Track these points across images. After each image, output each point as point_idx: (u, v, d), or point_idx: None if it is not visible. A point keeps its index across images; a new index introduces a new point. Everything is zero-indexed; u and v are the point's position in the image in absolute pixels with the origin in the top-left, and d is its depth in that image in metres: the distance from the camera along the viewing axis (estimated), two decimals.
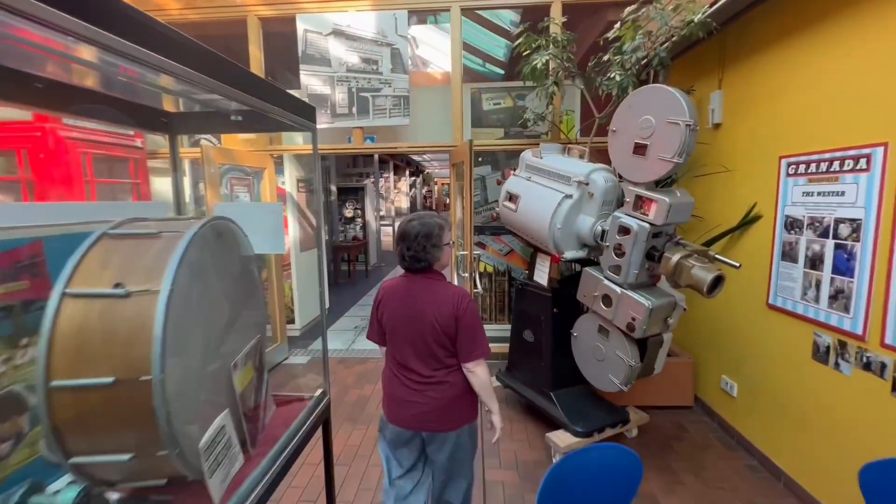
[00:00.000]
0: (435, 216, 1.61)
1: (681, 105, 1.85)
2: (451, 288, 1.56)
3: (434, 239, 1.54)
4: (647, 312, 2.06)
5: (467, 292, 1.54)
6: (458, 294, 1.53)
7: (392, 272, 8.79)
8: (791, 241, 2.16)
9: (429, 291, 1.55)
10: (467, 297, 1.52)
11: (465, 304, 1.50)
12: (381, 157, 10.51)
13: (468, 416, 1.60)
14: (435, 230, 1.55)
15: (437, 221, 1.58)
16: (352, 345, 4.52)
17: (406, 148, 3.77)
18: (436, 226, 1.56)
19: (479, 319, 1.53)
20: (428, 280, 1.57)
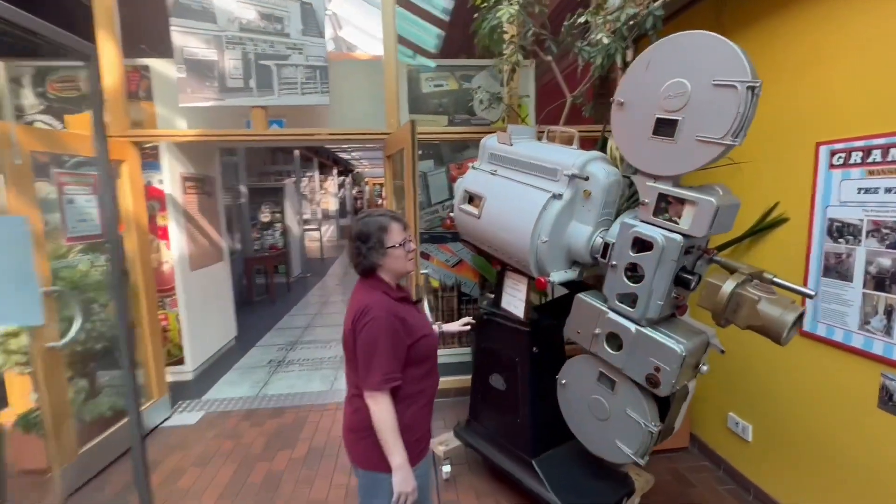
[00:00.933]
0: (385, 214, 1.39)
1: (737, 57, 1.23)
2: (364, 296, 1.33)
3: (372, 241, 1.34)
4: (679, 361, 1.44)
5: (375, 305, 1.28)
6: (362, 305, 1.29)
7: (320, 283, 7.74)
8: (839, 253, 1.66)
9: (353, 297, 1.38)
10: (371, 312, 1.27)
11: (364, 318, 1.26)
12: (304, 154, 9.36)
13: (376, 462, 1.29)
14: (373, 230, 1.34)
15: (378, 221, 1.35)
16: (264, 388, 3.53)
17: (326, 136, 2.90)
18: (375, 225, 1.34)
19: (379, 342, 1.25)
20: (359, 285, 1.40)
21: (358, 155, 13.91)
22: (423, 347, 1.35)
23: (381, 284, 1.36)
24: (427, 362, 1.38)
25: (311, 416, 3.06)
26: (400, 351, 1.27)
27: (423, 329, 1.37)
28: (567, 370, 1.87)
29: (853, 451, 1.66)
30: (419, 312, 1.45)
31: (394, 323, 1.26)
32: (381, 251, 1.33)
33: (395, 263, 1.36)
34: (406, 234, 1.38)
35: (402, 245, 1.36)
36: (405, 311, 1.34)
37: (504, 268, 2.14)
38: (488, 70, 3.55)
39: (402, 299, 1.37)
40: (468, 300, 3.83)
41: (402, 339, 1.28)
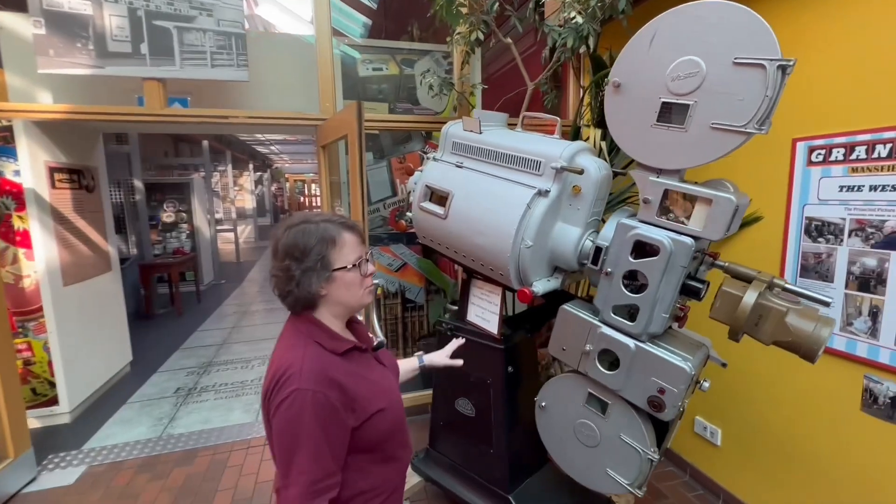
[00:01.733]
0: (332, 219, 0.96)
1: (766, 31, 1.06)
2: (287, 351, 0.90)
3: (311, 259, 0.90)
4: (687, 381, 1.26)
5: (301, 371, 0.84)
6: (281, 368, 0.86)
7: (238, 290, 6.90)
8: (819, 252, 1.61)
9: (278, 344, 0.96)
10: (292, 382, 0.83)
11: (281, 393, 0.83)
12: (215, 146, 8.33)
13: None
14: (313, 244, 0.91)
15: (323, 230, 0.92)
16: (169, 426, 2.90)
17: (245, 120, 2.39)
18: (317, 236, 0.91)
19: (302, 434, 0.81)
20: (288, 328, 0.97)
21: (278, 149, 12.87)
22: (381, 425, 0.92)
23: (317, 330, 0.93)
24: (389, 443, 0.96)
25: (233, 457, 2.54)
26: (338, 443, 0.85)
27: (382, 396, 0.95)
28: (548, 391, 1.64)
29: (833, 455, 1.63)
30: (378, 366, 1.04)
31: (328, 401, 0.83)
32: (326, 275, 0.91)
33: (347, 294, 0.95)
34: (363, 249, 0.99)
35: (357, 266, 0.95)
36: (353, 373, 0.91)
37: (471, 276, 1.86)
38: (431, 55, 3.25)
39: (350, 351, 0.94)
40: (413, 307, 3.51)
41: (342, 424, 0.85)
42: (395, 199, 3.37)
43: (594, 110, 2.20)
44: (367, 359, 1.01)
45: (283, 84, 2.86)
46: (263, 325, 4.95)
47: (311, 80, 2.67)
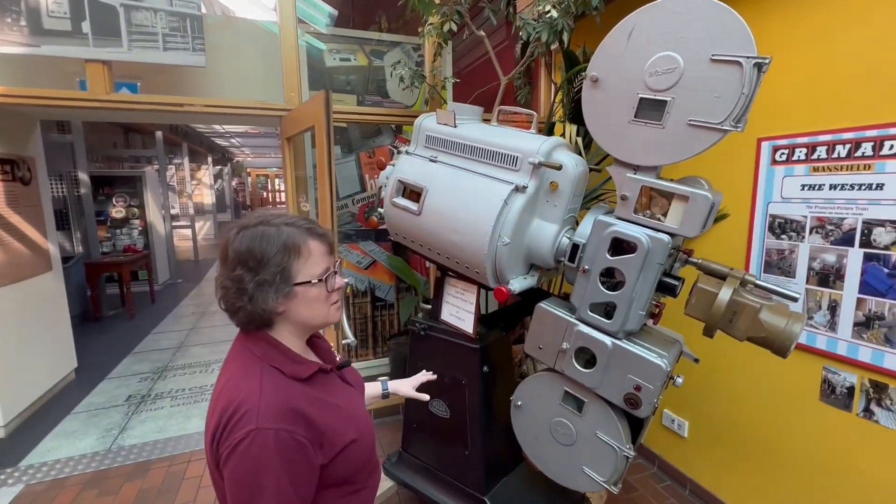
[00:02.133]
0: (294, 222, 0.81)
1: (743, 28, 1.06)
2: (239, 381, 0.75)
3: (268, 270, 0.76)
4: (663, 378, 1.27)
5: (258, 407, 0.70)
6: (232, 402, 0.71)
7: (195, 289, 6.57)
8: (782, 249, 1.66)
9: (225, 370, 0.81)
10: (247, 421, 0.69)
11: (233, 435, 0.69)
12: (169, 138, 7.88)
13: None
14: (272, 251, 0.76)
15: (284, 235, 0.78)
16: (120, 437, 2.70)
17: (202, 108, 2.23)
18: (278, 243, 0.77)
19: (264, 483, 0.68)
20: (237, 348, 0.82)
21: (239, 141, 12.35)
22: (353, 457, 0.81)
23: (275, 352, 0.79)
24: (360, 473, 0.85)
25: (192, 468, 2.39)
26: (306, 487, 0.73)
27: (351, 425, 0.82)
28: (523, 390, 1.61)
29: (794, 443, 1.70)
30: (344, 387, 0.91)
31: (294, 440, 0.71)
32: (285, 290, 0.77)
33: (309, 312, 0.81)
34: (332, 260, 0.85)
35: (323, 280, 0.82)
36: (319, 401, 0.79)
37: (445, 274, 1.81)
38: (401, 47, 3.17)
39: (315, 375, 0.82)
40: (383, 305, 3.43)
41: (310, 464, 0.73)
42: (365, 194, 3.27)
43: (566, 106, 2.19)
44: (331, 380, 0.88)
45: (245, 72, 2.71)
46: (224, 327, 4.72)
47: (275, 69, 2.54)
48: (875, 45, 1.39)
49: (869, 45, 1.41)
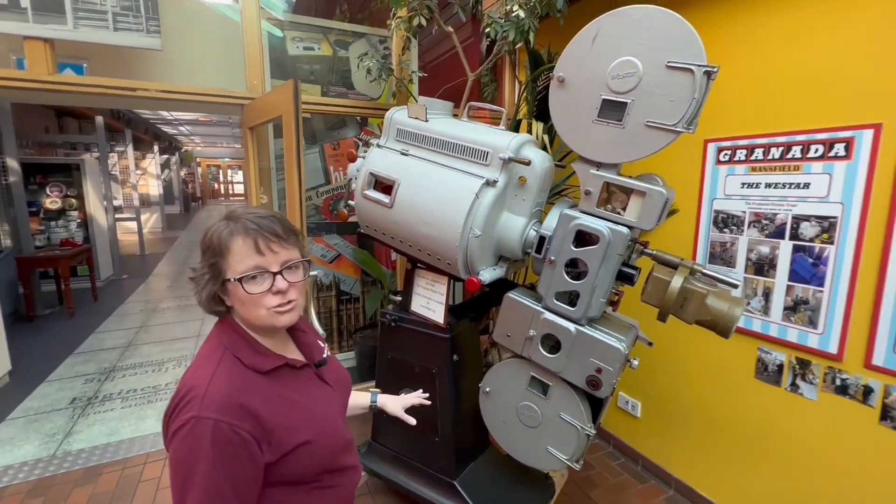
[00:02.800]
0: (242, 216, 0.80)
1: (694, 38, 1.16)
2: (200, 368, 0.77)
3: (204, 263, 0.80)
4: (622, 360, 1.37)
5: (204, 394, 0.72)
6: (185, 390, 0.73)
7: (143, 286, 6.20)
8: (724, 241, 1.82)
9: (196, 356, 0.83)
10: (191, 407, 0.71)
11: (177, 419, 0.71)
12: (111, 124, 7.35)
13: None
14: (205, 244, 0.80)
15: (217, 231, 0.79)
16: (65, 442, 2.54)
17: (158, 94, 2.12)
18: (214, 238, 0.79)
19: (195, 471, 0.68)
20: (211, 333, 0.85)
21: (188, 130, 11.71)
22: (306, 459, 0.79)
23: (240, 341, 0.80)
24: (323, 475, 0.83)
25: (149, 469, 2.29)
26: (245, 482, 0.72)
27: (309, 426, 0.80)
28: (492, 377, 1.68)
29: (732, 417, 1.87)
30: (319, 385, 0.89)
31: (234, 434, 0.70)
32: (216, 286, 0.79)
33: (244, 311, 0.80)
34: (262, 259, 0.78)
35: (251, 279, 0.77)
36: (278, 397, 0.78)
37: (414, 266, 1.84)
38: (367, 38, 3.14)
39: (279, 369, 0.81)
40: (348, 299, 3.42)
41: (251, 461, 0.72)
42: (329, 187, 3.23)
43: (531, 104, 2.27)
44: (303, 377, 0.86)
45: (203, 58, 2.59)
46: (177, 324, 4.49)
47: (235, 55, 2.45)
48: (804, 61, 1.56)
49: (799, 60, 1.57)
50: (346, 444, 0.90)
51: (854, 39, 1.44)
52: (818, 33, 1.52)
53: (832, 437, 1.55)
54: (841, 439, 1.53)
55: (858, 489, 1.50)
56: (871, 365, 1.43)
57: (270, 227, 0.80)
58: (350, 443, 0.92)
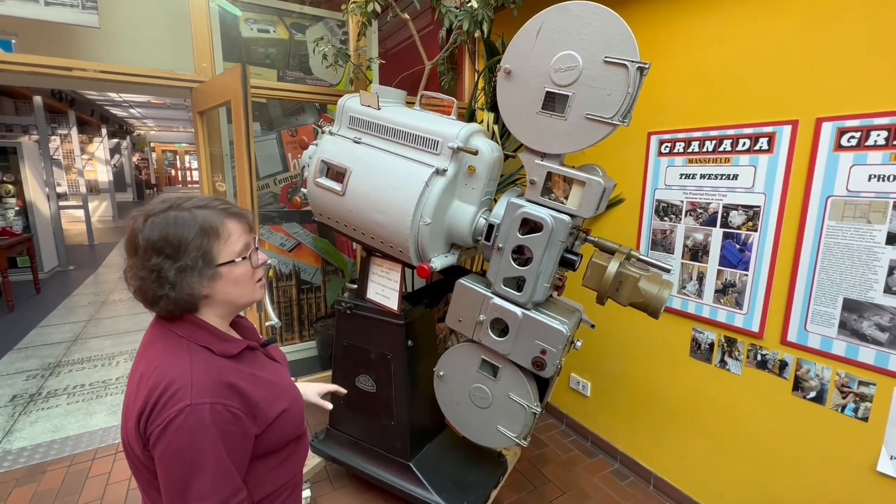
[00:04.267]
0: (208, 204, 0.82)
1: (628, 35, 1.22)
2: (166, 361, 0.75)
3: (188, 255, 0.76)
4: (564, 342, 1.44)
5: (190, 384, 0.72)
6: (161, 382, 0.72)
7: (92, 277, 5.90)
8: (664, 229, 1.93)
9: (143, 356, 0.80)
10: (180, 399, 0.70)
11: (165, 414, 0.70)
12: (51, 105, 6.87)
13: None
14: (190, 236, 0.77)
15: (200, 218, 0.79)
16: (5, 440, 2.42)
17: (96, 74, 2.01)
18: (194, 227, 0.77)
19: (203, 456, 0.70)
20: (156, 335, 0.81)
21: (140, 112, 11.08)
22: (286, 427, 0.85)
23: (202, 332, 0.81)
24: (291, 443, 0.89)
25: (98, 465, 2.22)
26: (242, 457, 0.77)
27: (282, 396, 0.86)
28: (445, 361, 1.73)
29: (670, 393, 2.01)
30: (270, 362, 0.94)
31: (231, 412, 0.74)
32: (210, 272, 0.79)
33: (236, 291, 0.84)
34: (251, 237, 0.87)
35: (247, 258, 0.84)
36: (249, 375, 0.82)
37: (370, 254, 1.85)
38: (325, 22, 3.08)
39: (243, 352, 0.85)
40: (309, 288, 3.38)
41: (246, 435, 0.76)
42: (287, 174, 3.17)
43: (488, 94, 2.31)
44: (258, 357, 0.91)
45: (147, 37, 2.47)
46: (129, 316, 4.32)
47: (183, 35, 2.35)
48: (734, 60, 1.66)
49: (730, 59, 1.67)
50: (304, 415, 0.97)
51: (775, 41, 1.55)
52: (745, 34, 1.63)
53: (754, 408, 1.70)
54: (761, 409, 1.68)
55: (774, 452, 1.66)
56: (787, 341, 1.57)
57: (238, 209, 0.86)
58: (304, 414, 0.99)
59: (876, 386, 1.40)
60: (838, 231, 1.43)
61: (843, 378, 1.46)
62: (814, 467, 1.56)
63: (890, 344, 1.36)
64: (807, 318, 1.52)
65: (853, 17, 1.38)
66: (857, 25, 1.38)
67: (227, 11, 2.73)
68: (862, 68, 1.37)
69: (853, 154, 1.38)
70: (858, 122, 1.36)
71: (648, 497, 2.07)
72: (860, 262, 1.39)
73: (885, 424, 1.39)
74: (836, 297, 1.45)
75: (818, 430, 1.53)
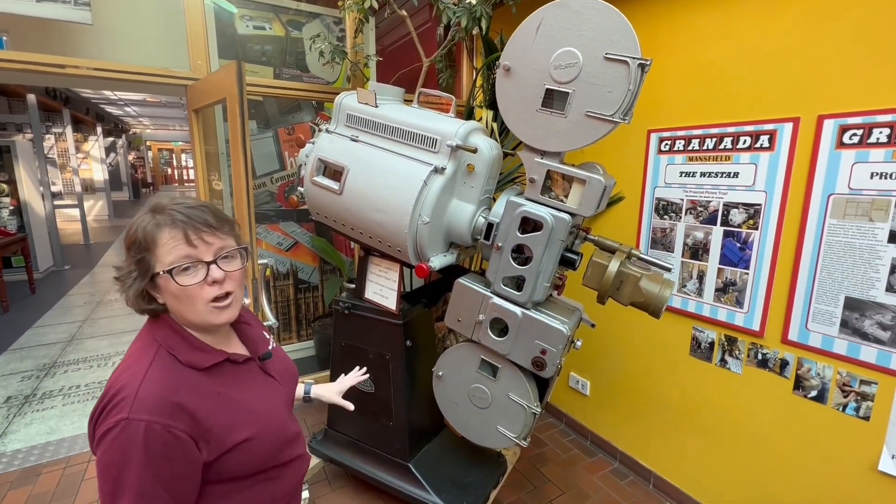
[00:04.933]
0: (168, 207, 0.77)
1: (629, 31, 1.20)
2: (131, 367, 0.73)
3: (130, 259, 0.76)
4: (564, 341, 1.43)
5: (135, 394, 0.69)
6: (113, 391, 0.70)
7: (88, 277, 5.86)
8: (664, 228, 1.92)
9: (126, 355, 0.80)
10: (119, 409, 0.68)
11: (107, 422, 0.68)
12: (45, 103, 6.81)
13: None
14: (131, 238, 0.76)
15: (141, 223, 0.76)
16: (0, 442, 2.40)
17: (89, 71, 1.98)
18: (138, 232, 0.75)
19: (126, 476, 0.66)
20: (142, 331, 0.82)
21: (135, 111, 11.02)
22: (247, 457, 0.78)
23: (175, 337, 0.77)
24: (268, 470, 0.82)
25: (93, 468, 2.20)
26: (181, 484, 0.71)
27: (249, 423, 0.79)
28: (444, 361, 1.72)
29: (670, 393, 2.00)
30: (263, 379, 0.88)
31: (169, 435, 0.68)
32: (144, 282, 0.75)
33: (180, 307, 0.76)
34: (193, 250, 0.75)
35: (183, 270, 0.74)
36: (216, 394, 0.76)
37: (368, 253, 1.83)
38: (321, 19, 3.05)
39: (219, 365, 0.79)
40: (307, 288, 3.36)
41: (188, 460, 0.70)
42: (284, 173, 3.14)
43: (486, 92, 2.29)
44: (246, 371, 0.84)
45: (142, 34, 2.44)
46: (125, 316, 4.29)
47: (177, 31, 2.32)
48: (735, 57, 1.64)
49: (731, 56, 1.66)
50: (293, 437, 0.89)
51: (776, 38, 1.53)
52: (746, 30, 1.61)
53: (754, 407, 1.70)
54: (761, 408, 1.67)
55: (775, 451, 1.65)
56: (787, 340, 1.56)
57: (201, 217, 0.77)
58: (297, 435, 0.91)
59: (877, 385, 1.39)
60: (840, 229, 1.42)
61: (845, 377, 1.45)
62: (814, 466, 1.55)
63: (892, 343, 1.35)
64: (808, 316, 1.51)
65: (855, 13, 1.37)
66: (860, 22, 1.36)
67: (222, 8, 2.70)
68: (864, 65, 1.36)
69: (855, 152, 1.37)
70: (860, 119, 1.35)
71: (648, 496, 2.06)
72: (862, 260, 1.38)
73: (886, 424, 1.38)
74: (837, 296, 1.44)
75: (819, 430, 1.53)
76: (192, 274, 0.75)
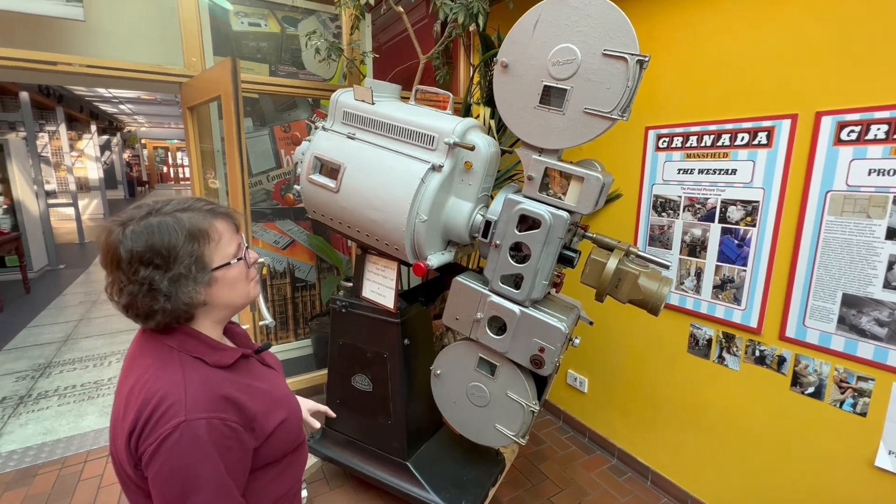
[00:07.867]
0: (190, 206, 0.77)
1: (628, 27, 1.19)
2: (156, 375, 0.71)
3: (180, 263, 0.71)
4: (563, 339, 1.43)
5: (184, 399, 0.68)
6: (152, 398, 0.68)
7: (83, 276, 5.82)
8: (662, 225, 1.92)
9: (131, 368, 0.76)
10: (173, 415, 0.66)
11: (158, 431, 0.66)
12: (38, 101, 6.74)
13: None
14: (178, 242, 0.71)
15: (187, 222, 0.73)
16: None
17: (81, 68, 1.95)
18: (181, 232, 0.72)
19: (200, 475, 0.66)
20: (142, 346, 0.78)
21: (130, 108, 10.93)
22: (285, 438, 0.82)
23: (195, 342, 0.77)
24: (290, 453, 0.87)
25: (90, 468, 2.19)
26: (241, 472, 0.74)
27: (280, 406, 0.83)
28: (442, 360, 1.71)
29: (667, 390, 2.00)
30: (266, 370, 0.91)
31: (228, 427, 0.70)
32: (204, 279, 0.75)
33: (233, 294, 0.81)
34: (240, 236, 0.84)
35: (241, 258, 0.82)
36: (245, 386, 0.79)
37: (365, 251, 1.82)
38: (317, 16, 3.02)
39: (238, 361, 0.81)
40: (303, 286, 3.35)
41: (245, 449, 0.74)
42: (280, 171, 3.12)
43: (483, 89, 2.27)
44: (253, 365, 0.87)
45: (136, 31, 2.41)
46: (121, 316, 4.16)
47: (171, 28, 2.30)
48: (733, 53, 1.64)
49: (729, 52, 1.65)
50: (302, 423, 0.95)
51: (774, 34, 1.53)
52: (743, 27, 1.60)
53: (752, 403, 1.70)
54: (759, 405, 1.68)
55: (772, 447, 1.66)
56: (785, 337, 1.57)
57: (224, 208, 0.82)
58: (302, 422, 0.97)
59: (875, 381, 1.39)
60: (837, 226, 1.42)
61: (842, 373, 1.46)
62: (812, 462, 1.56)
63: (889, 339, 1.35)
64: (805, 313, 1.51)
65: (853, 8, 1.37)
66: (858, 18, 1.36)
67: (216, 5, 2.67)
68: (862, 61, 1.36)
69: (853, 148, 1.37)
70: (858, 115, 1.35)
71: (646, 493, 2.07)
72: (859, 257, 1.38)
73: (883, 420, 1.39)
74: (835, 293, 1.44)
75: (816, 426, 1.53)
76: (248, 257, 0.85)
